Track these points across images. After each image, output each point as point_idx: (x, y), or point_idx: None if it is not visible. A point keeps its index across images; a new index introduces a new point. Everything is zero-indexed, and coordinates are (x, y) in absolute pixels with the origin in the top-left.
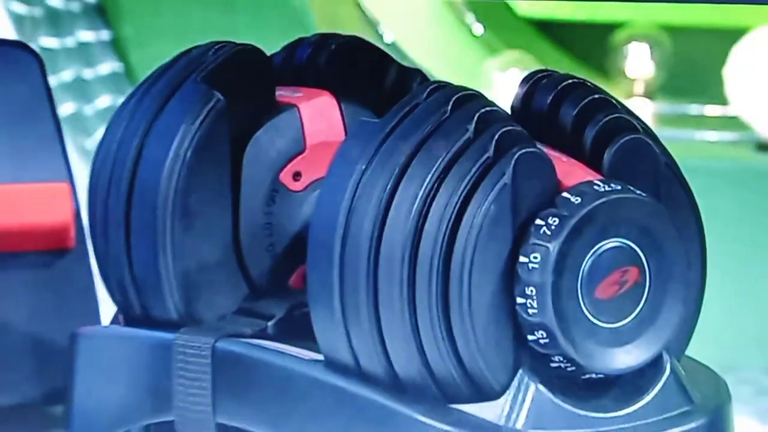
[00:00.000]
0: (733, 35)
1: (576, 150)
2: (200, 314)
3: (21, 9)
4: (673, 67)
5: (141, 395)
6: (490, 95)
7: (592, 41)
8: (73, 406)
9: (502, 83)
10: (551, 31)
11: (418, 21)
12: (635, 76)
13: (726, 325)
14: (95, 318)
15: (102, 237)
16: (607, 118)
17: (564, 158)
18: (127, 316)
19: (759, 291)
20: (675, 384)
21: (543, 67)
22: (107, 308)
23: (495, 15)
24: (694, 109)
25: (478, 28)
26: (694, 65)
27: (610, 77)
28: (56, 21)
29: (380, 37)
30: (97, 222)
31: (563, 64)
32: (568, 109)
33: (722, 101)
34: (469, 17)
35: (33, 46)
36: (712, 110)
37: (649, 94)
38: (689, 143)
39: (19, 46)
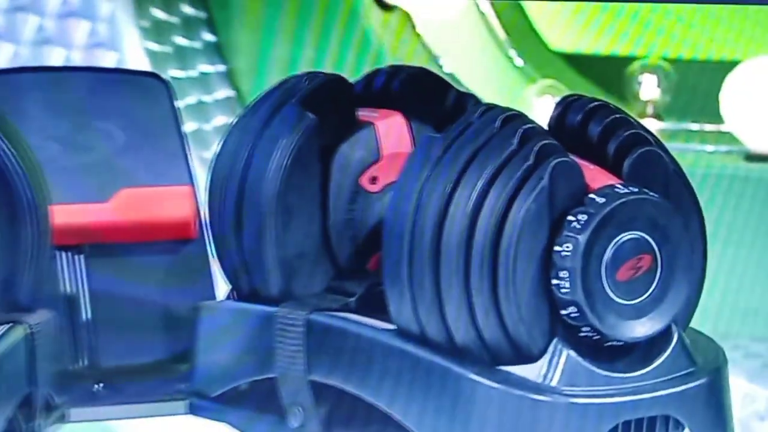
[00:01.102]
0: (726, 66)
1: (600, 159)
2: (296, 292)
3: (154, 47)
4: (676, 92)
5: (249, 357)
6: (529, 115)
7: (611, 71)
8: (195, 364)
9: (538, 106)
10: (578, 63)
11: (471, 55)
12: (646, 100)
13: (721, 302)
14: (212, 294)
15: (218, 229)
16: (626, 134)
17: (590, 166)
18: (238, 293)
19: (746, 274)
20: (681, 350)
21: (573, 93)
22: (222, 286)
23: (532, 50)
24: (694, 126)
25: (519, 61)
26: (694, 91)
27: (626, 101)
28: (182, 56)
29: (440, 67)
30: (214, 217)
31: (588, 90)
32: (594, 126)
33: (717, 120)
34: (512, 52)
35: (164, 76)
36: (708, 127)
37: (657, 115)
38: (690, 154)
39: (153, 76)
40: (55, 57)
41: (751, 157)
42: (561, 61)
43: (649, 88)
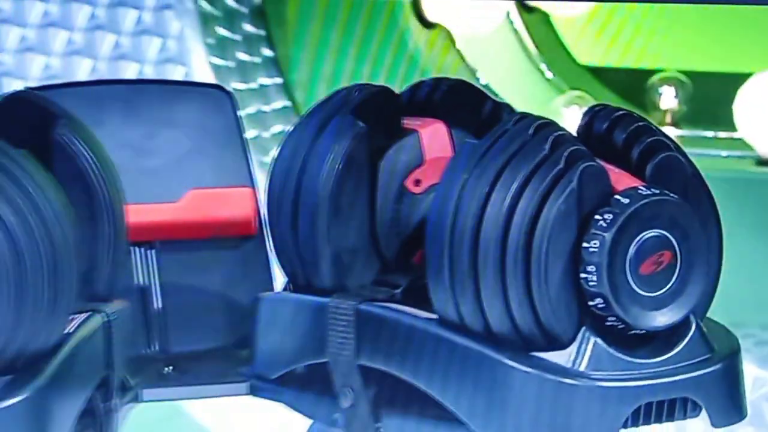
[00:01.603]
0: (739, 79)
1: (625, 163)
2: (346, 284)
3: (219, 61)
4: (693, 102)
5: (304, 342)
6: (559, 123)
7: (633, 83)
8: (255, 349)
9: (566, 115)
10: (603, 75)
11: (505, 68)
12: (665, 109)
13: (735, 294)
14: (270, 286)
15: (276, 227)
16: (648, 140)
17: (616, 170)
18: (294, 285)
19: (757, 268)
20: (699, 338)
21: (599, 103)
22: (279, 279)
23: (561, 63)
24: (708, 133)
25: (549, 74)
26: (709, 101)
27: (646, 110)
28: (243, 70)
29: (477, 79)
30: (273, 216)
31: (611, 101)
32: (619, 133)
33: (731, 128)
34: (543, 65)
35: (227, 88)
36: (722, 134)
37: (675, 123)
38: (705, 159)
39: (218, 88)
40: (130, 71)
41: (762, 162)
42: (587, 73)
43: (667, 99)
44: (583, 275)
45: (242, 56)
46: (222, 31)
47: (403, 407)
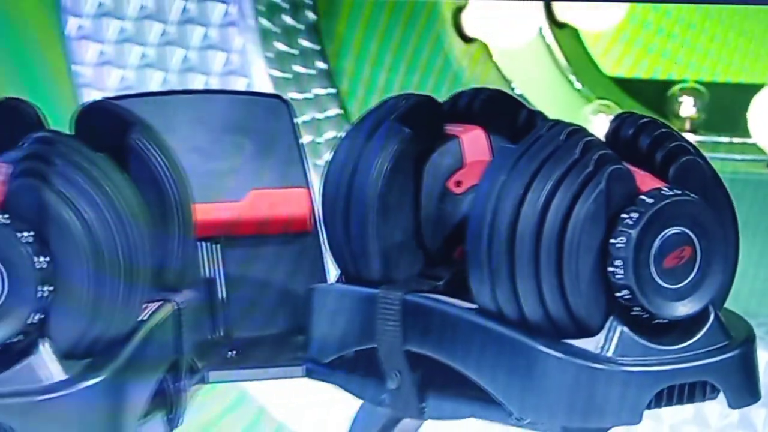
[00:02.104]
0: (752, 89)
1: (649, 166)
2: (393, 276)
3: (277, 73)
4: (710, 110)
5: (354, 329)
6: (588, 129)
7: (655, 93)
8: (310, 336)
9: (594, 122)
10: (627, 86)
11: (537, 79)
12: (684, 117)
13: (750, 287)
14: (324, 278)
15: (330, 224)
16: (671, 145)
17: (641, 172)
18: (345, 276)
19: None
20: (717, 326)
21: (625, 111)
22: (332, 271)
23: (589, 75)
24: (724, 139)
25: (578, 84)
26: (725, 110)
27: (666, 117)
28: (299, 81)
29: (512, 90)
30: (327, 214)
31: (635, 109)
32: (644, 139)
33: (744, 134)
34: (572, 77)
35: (285, 97)
36: (736, 140)
37: (693, 129)
38: (721, 162)
39: (277, 97)
40: (197, 82)
41: None
42: (612, 84)
43: (686, 107)
44: (610, 269)
45: (298, 68)
46: (280, 46)
47: (445, 389)
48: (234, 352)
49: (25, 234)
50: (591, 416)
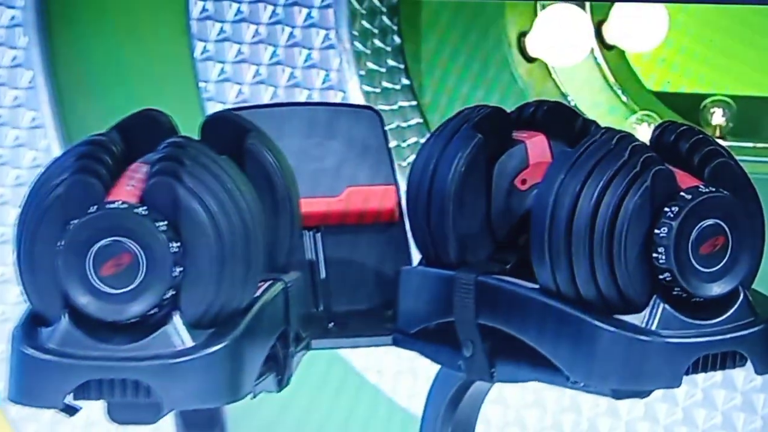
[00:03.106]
0: None
1: (688, 167)
2: (468, 260)
3: (369, 88)
4: (737, 120)
5: (435, 305)
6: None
7: (690, 105)
8: (398, 310)
9: (638, 130)
10: (666, 98)
11: (589, 93)
12: (715, 125)
13: None
14: (409, 261)
15: (414, 215)
16: (706, 149)
17: (680, 172)
18: (427, 260)
19: None
20: (745, 304)
21: (666, 120)
22: (416, 256)
23: (633, 89)
24: (748, 144)
25: (624, 98)
26: (749, 119)
27: (700, 126)
28: (387, 95)
29: (568, 102)
30: (411, 207)
31: (674, 119)
32: (684, 144)
33: (766, 140)
34: (618, 91)
35: (376, 108)
36: (760, 145)
37: (722, 136)
38: (748, 164)
39: (369, 108)
40: (301, 96)
41: None
42: (654, 97)
43: (716, 117)
44: (654, 255)
45: (386, 84)
46: (371, 65)
47: (512, 356)
48: (333, 323)
49: (161, 223)
50: (637, 380)
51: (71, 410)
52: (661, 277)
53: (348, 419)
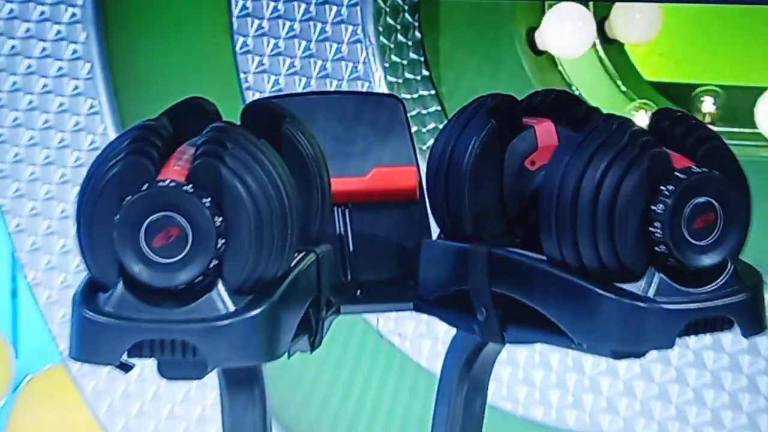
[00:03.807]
0: (759, 90)
1: (682, 150)
2: (482, 234)
3: (392, 79)
4: (726, 107)
5: (452, 275)
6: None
7: (683, 93)
8: (419, 279)
9: (636, 117)
10: (661, 88)
11: (592, 83)
12: (705, 112)
13: (755, 244)
14: (429, 235)
15: (433, 194)
16: (699, 133)
17: (675, 154)
18: (444, 234)
19: None
20: (733, 274)
21: (662, 107)
22: (434, 230)
23: (632, 79)
24: (736, 129)
25: (623, 87)
26: (736, 107)
27: (692, 113)
28: (408, 85)
29: (573, 91)
30: (430, 186)
31: (668, 106)
32: (678, 129)
33: (752, 126)
34: (618, 81)
35: (399, 96)
36: (746, 130)
37: (712, 122)
38: (736, 147)
39: (393, 97)
40: (331, 86)
41: None
42: (650, 86)
43: (707, 105)
44: (651, 229)
45: (408, 75)
46: (394, 58)
47: (521, 321)
48: (360, 291)
49: (205, 200)
50: (635, 342)
51: (126, 367)
52: (657, 248)
53: (372, 378)
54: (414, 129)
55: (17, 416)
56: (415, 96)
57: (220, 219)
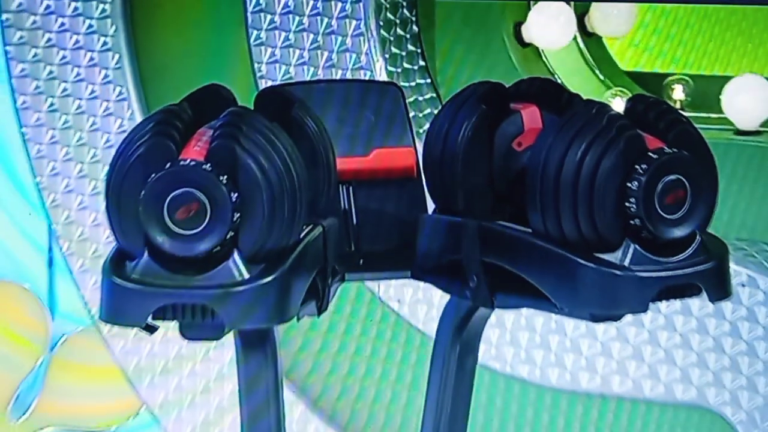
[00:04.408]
0: (725, 79)
1: (655, 132)
2: (473, 209)
3: (391, 68)
4: (694, 94)
5: (446, 246)
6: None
7: (656, 82)
8: (416, 249)
9: (613, 103)
10: (635, 77)
11: (573, 72)
12: (676, 99)
13: (719, 218)
14: (425, 209)
15: (429, 172)
16: (670, 117)
17: (649, 136)
18: (439, 209)
19: (736, 206)
20: (701, 245)
21: (638, 93)
22: (431, 206)
23: (609, 69)
24: (703, 114)
25: (601, 76)
26: (705, 94)
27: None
28: (407, 74)
29: (556, 79)
30: (426, 165)
31: (642, 93)
32: (651, 113)
33: (719, 111)
34: (597, 71)
35: (398, 84)
36: (713, 115)
37: (682, 108)
38: (704, 131)
39: (392, 84)
40: (337, 75)
41: (739, 132)
42: (626, 76)
43: (677, 92)
44: (627, 204)
45: (406, 65)
46: (394, 50)
47: (509, 288)
48: (362, 260)
49: (222, 177)
50: (612, 307)
51: (151, 329)
52: (632, 222)
53: (374, 340)
54: (411, 114)
55: (54, 371)
56: (413, 84)
57: (236, 194)
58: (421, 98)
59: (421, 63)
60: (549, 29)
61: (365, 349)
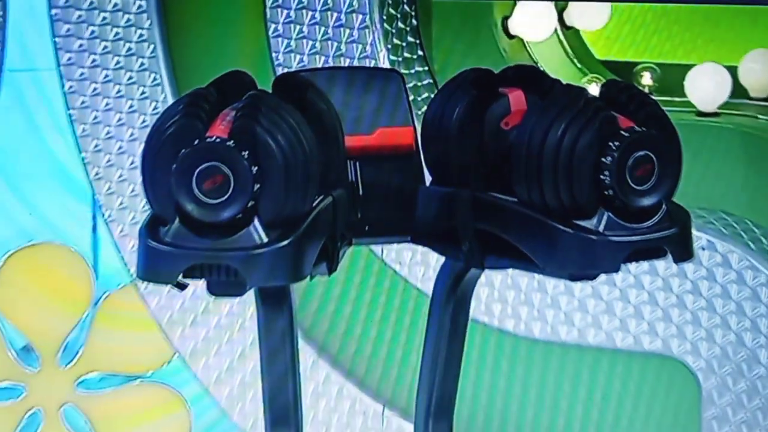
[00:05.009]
0: (688, 66)
1: (627, 113)
2: (466, 182)
3: (393, 57)
4: (661, 80)
5: (442, 213)
6: None
7: (627, 69)
8: (415, 217)
9: (589, 88)
10: (609, 65)
11: (553, 60)
12: (645, 84)
13: (683, 193)
14: (423, 182)
15: (426, 149)
16: (640, 99)
17: (621, 117)
18: (436, 180)
19: (701, 180)
20: (666, 212)
21: (610, 79)
22: (428, 178)
23: (585, 58)
24: (668, 98)
25: (579, 65)
26: (670, 80)
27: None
28: (407, 62)
29: (539, 66)
30: (424, 141)
31: (615, 79)
32: (624, 96)
33: (682, 95)
34: (575, 59)
35: (399, 71)
36: (677, 99)
37: (650, 93)
38: (670, 112)
39: (394, 71)
40: (345, 63)
41: (700, 114)
42: (600, 64)
43: (646, 79)
44: (601, 177)
45: (406, 55)
46: (396, 41)
47: (497, 250)
48: (367, 227)
49: (244, 153)
50: (588, 267)
51: (182, 286)
52: (606, 192)
53: (377, 297)
54: (411, 97)
55: (97, 324)
56: (412, 71)
57: (256, 168)
58: (419, 84)
59: (420, 53)
60: (532, 23)
61: (369, 306)
